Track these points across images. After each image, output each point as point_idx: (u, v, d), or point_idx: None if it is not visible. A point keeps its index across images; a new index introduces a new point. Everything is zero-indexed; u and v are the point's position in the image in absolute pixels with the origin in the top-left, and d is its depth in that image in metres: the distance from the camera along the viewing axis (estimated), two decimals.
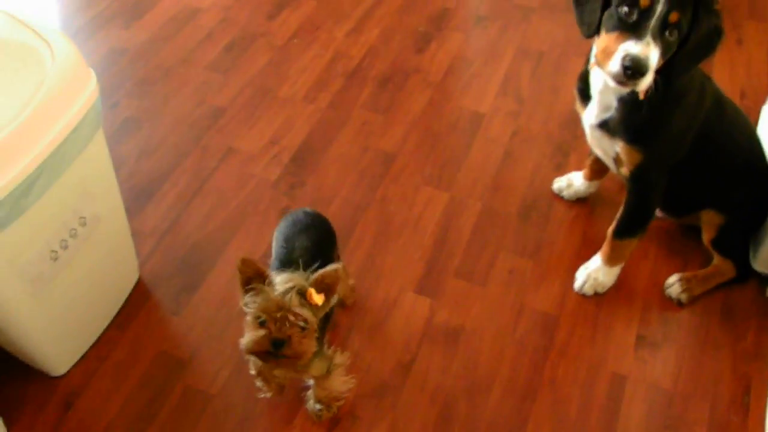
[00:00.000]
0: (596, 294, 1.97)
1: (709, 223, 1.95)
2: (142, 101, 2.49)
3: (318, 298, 1.37)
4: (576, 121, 1.91)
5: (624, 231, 1.89)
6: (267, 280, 1.39)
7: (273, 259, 1.65)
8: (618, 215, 1.89)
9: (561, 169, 2.27)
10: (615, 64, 1.51)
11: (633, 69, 1.48)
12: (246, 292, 1.40)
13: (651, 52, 1.49)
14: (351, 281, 1.90)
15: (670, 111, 1.68)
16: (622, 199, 1.87)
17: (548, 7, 2.92)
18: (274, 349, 1.37)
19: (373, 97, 2.51)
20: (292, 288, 1.37)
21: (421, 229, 2.11)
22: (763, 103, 2.40)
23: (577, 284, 1.98)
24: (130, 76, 2.59)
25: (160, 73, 2.60)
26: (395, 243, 2.07)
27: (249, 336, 1.39)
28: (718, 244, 1.97)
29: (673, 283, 1.98)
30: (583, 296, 1.97)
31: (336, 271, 1.40)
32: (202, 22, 2.82)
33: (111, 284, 1.88)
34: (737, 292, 2.00)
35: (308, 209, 1.74)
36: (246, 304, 1.39)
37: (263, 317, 1.37)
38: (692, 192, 1.94)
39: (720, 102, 1.82)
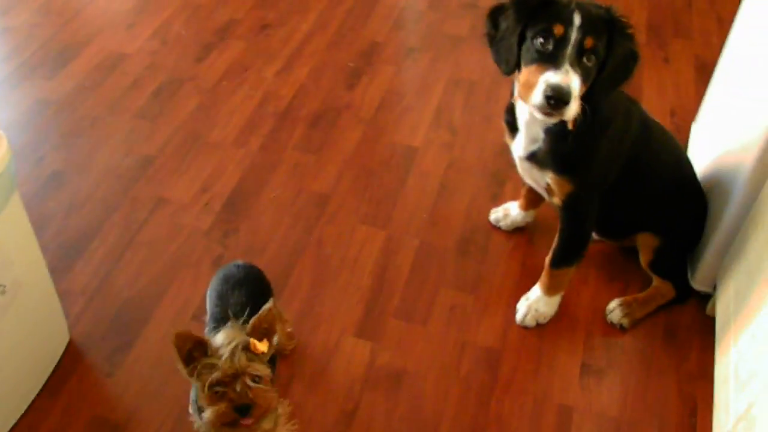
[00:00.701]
0: (538, 325, 1.95)
1: (646, 245, 1.96)
2: (69, 154, 2.43)
3: (262, 346, 1.33)
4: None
5: (560, 260, 1.88)
6: (208, 348, 1.33)
7: (208, 319, 1.60)
8: (554, 245, 1.88)
9: (497, 200, 2.26)
10: (537, 96, 1.51)
11: (556, 98, 1.48)
12: (187, 364, 1.34)
13: (572, 80, 1.49)
14: (289, 328, 1.85)
15: (596, 140, 1.69)
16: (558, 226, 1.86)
17: (478, 36, 2.93)
18: (242, 416, 1.32)
19: (304, 137, 2.48)
20: (236, 347, 1.32)
21: (359, 269, 2.08)
22: (692, 120, 2.43)
23: (519, 316, 1.96)
24: (56, 128, 2.52)
25: (87, 123, 2.54)
26: (333, 286, 2.03)
27: (211, 411, 1.32)
28: (655, 266, 1.97)
29: (614, 308, 1.98)
30: (525, 328, 1.95)
31: (269, 310, 1.37)
32: (129, 69, 2.77)
33: (39, 350, 1.81)
34: (678, 312, 2.01)
35: (240, 262, 1.70)
36: (195, 379, 1.34)
37: (219, 389, 1.31)
38: (627, 215, 1.94)
39: (646, 125, 1.83)
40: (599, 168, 1.74)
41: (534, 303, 1.95)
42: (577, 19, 1.49)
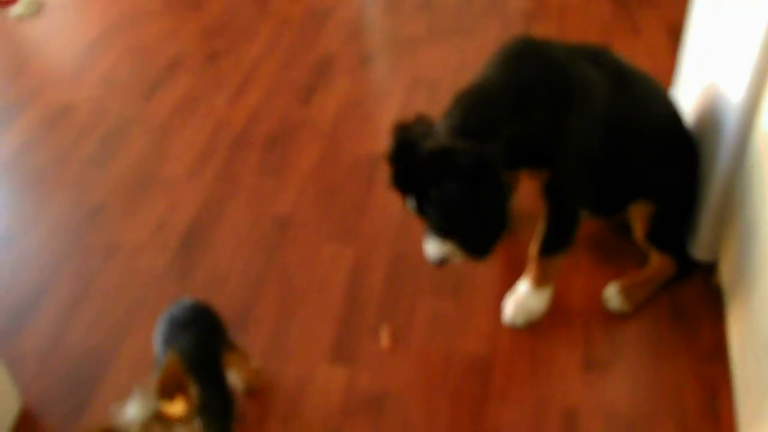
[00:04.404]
0: (530, 323, 1.77)
1: (640, 215, 1.76)
2: (16, 213, 2.27)
3: (176, 408, 1.13)
4: None
5: (550, 247, 1.69)
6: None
7: (155, 366, 1.43)
8: (540, 231, 1.70)
9: None
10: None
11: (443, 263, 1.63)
12: None
13: (442, 250, 1.61)
14: (254, 364, 1.68)
15: (558, 131, 1.51)
16: (542, 210, 1.69)
17: (436, 34, 2.79)
18: None
19: (261, 161, 2.32)
20: (147, 423, 1.11)
21: (328, 291, 1.90)
22: (670, 85, 2.27)
23: (507, 315, 1.77)
24: (2, 189, 2.37)
25: (34, 178, 2.39)
26: (301, 313, 1.86)
27: None
28: (652, 237, 1.78)
29: (613, 294, 1.79)
30: (515, 328, 1.77)
31: (171, 362, 1.15)
32: (75, 118, 2.63)
33: None
34: (683, 288, 1.83)
35: (187, 300, 1.52)
36: None
37: None
38: (619, 183, 1.73)
39: (622, 77, 1.64)
40: (573, 147, 1.56)
41: (523, 299, 1.76)
42: (411, 204, 1.53)
